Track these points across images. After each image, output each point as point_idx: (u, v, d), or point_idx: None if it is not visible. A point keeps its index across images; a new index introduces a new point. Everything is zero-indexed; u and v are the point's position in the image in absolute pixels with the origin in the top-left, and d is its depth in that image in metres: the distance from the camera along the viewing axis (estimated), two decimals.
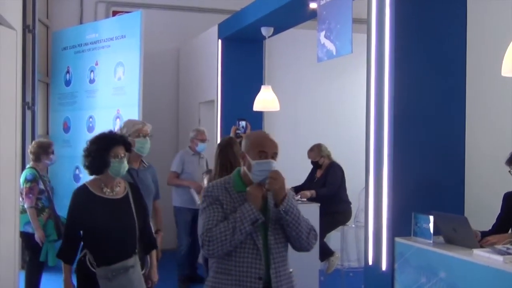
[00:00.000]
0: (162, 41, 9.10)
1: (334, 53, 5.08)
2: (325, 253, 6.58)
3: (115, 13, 9.02)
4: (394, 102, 4.43)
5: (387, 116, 4.48)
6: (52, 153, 5.82)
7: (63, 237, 3.76)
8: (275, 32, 7.30)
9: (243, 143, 3.05)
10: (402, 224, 4.36)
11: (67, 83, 8.04)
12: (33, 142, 5.95)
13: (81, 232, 3.65)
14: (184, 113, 9.25)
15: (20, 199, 5.61)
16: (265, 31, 7.15)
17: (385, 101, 4.50)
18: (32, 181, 5.56)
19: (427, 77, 4.52)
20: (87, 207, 3.60)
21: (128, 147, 3.78)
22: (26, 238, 5.60)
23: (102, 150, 3.63)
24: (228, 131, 7.31)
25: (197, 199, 6.79)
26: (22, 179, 5.58)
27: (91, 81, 7.69)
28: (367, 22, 4.70)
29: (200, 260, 7.29)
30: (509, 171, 4.03)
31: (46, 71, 8.51)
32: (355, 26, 4.82)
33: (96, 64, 7.62)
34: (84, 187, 3.69)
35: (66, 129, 8.02)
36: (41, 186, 5.63)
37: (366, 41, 4.71)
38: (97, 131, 7.48)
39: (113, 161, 3.64)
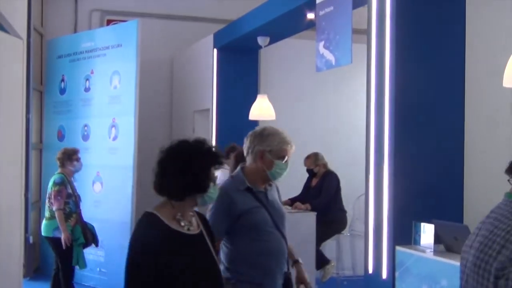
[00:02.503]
0: (156, 50, 9.11)
1: (334, 63, 5.12)
2: (321, 261, 6.61)
3: (109, 22, 9.03)
4: (395, 110, 4.48)
5: (387, 124, 4.53)
6: (77, 160, 6.08)
7: None
8: (271, 42, 7.35)
9: None
10: (402, 233, 4.41)
11: (62, 91, 8.02)
12: (60, 149, 6.20)
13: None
14: (178, 121, 9.26)
15: (48, 204, 5.81)
16: (261, 40, 7.19)
17: (385, 110, 4.55)
18: (60, 184, 5.80)
19: (427, 86, 4.59)
20: (163, 248, 2.46)
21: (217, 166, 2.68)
22: (56, 244, 5.77)
23: (204, 168, 2.58)
24: (223, 139, 7.36)
25: None
26: (50, 184, 5.86)
27: (87, 89, 7.67)
28: (367, 32, 4.75)
29: None
30: (508, 180, 4.07)
31: (40, 79, 8.49)
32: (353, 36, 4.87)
33: (92, 72, 7.61)
34: (155, 218, 2.52)
35: (61, 137, 7.99)
36: (69, 190, 5.87)
37: (366, 51, 4.76)
38: (92, 139, 7.52)
39: (212, 186, 2.61)
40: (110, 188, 7.20)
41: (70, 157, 6.02)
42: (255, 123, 7.85)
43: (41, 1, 8.56)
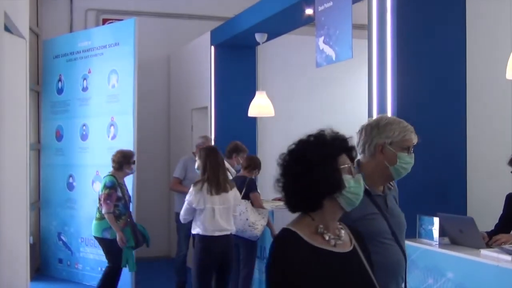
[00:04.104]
0: (153, 48, 9.09)
1: (334, 58, 5.12)
2: None
3: (105, 21, 9.00)
4: (397, 105, 4.49)
5: None
6: (133, 163, 6.08)
7: None
8: (269, 38, 7.34)
9: None
10: (407, 226, 4.40)
11: (59, 91, 7.99)
12: (116, 152, 6.12)
13: None
14: (176, 119, 9.24)
15: (98, 205, 5.83)
16: (259, 37, 7.19)
17: (387, 104, 4.56)
18: (111, 188, 5.80)
19: (429, 81, 4.60)
20: (306, 270, 1.97)
21: (351, 154, 2.16)
22: (106, 244, 5.86)
23: (325, 160, 2.06)
24: (222, 137, 7.36)
25: None
26: (101, 186, 5.89)
27: (84, 89, 7.66)
28: (368, 26, 4.76)
29: None
30: (511, 172, 4.10)
31: (37, 80, 8.46)
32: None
33: (89, 72, 7.59)
34: (292, 235, 2.04)
35: (59, 137, 7.97)
36: (119, 193, 5.86)
37: (367, 46, 4.76)
38: (91, 139, 7.51)
39: (349, 179, 2.07)
40: None
41: (128, 160, 6.01)
42: (254, 120, 7.88)
43: (36, 2, 8.51)
